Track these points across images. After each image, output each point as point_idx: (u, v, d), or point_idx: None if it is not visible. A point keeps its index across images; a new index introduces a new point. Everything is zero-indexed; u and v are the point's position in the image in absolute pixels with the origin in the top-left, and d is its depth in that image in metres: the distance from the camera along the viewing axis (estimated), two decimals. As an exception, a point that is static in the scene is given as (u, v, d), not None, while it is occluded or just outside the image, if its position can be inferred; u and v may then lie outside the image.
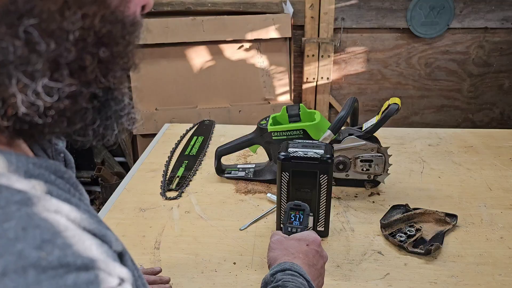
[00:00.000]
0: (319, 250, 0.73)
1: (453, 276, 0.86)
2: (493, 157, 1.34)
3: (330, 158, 0.91)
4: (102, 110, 0.39)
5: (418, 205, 1.07)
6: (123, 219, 1.05)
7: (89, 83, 0.36)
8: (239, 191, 1.17)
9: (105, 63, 0.36)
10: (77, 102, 0.35)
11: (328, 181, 0.92)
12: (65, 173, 0.39)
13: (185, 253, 0.93)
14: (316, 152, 0.93)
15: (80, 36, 0.34)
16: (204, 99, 2.65)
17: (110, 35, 0.36)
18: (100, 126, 0.39)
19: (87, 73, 0.35)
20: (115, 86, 0.39)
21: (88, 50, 0.34)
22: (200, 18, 2.52)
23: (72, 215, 0.33)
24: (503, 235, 0.98)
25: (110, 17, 0.35)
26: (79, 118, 0.37)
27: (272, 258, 0.71)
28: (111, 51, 0.36)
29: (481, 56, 2.77)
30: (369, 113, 2.89)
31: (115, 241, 0.37)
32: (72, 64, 0.34)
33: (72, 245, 0.31)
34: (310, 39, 2.67)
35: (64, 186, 0.38)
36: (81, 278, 0.30)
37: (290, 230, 0.78)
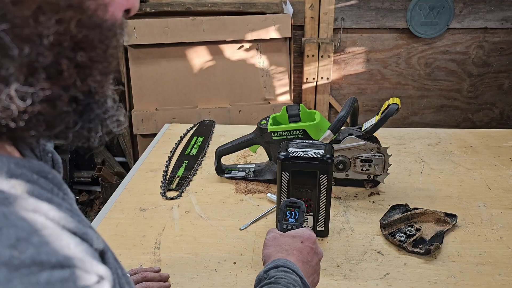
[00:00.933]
0: (313, 247, 0.73)
1: (453, 276, 0.86)
2: (493, 157, 1.34)
3: (330, 158, 0.91)
4: (84, 113, 0.39)
5: (418, 205, 1.07)
6: (123, 219, 1.05)
7: (67, 87, 0.36)
8: (239, 191, 1.17)
9: (83, 68, 0.36)
10: (56, 106, 0.36)
11: (328, 181, 0.93)
12: (49, 173, 0.39)
13: (185, 253, 0.93)
14: (316, 152, 0.93)
15: (56, 41, 0.34)
16: (204, 99, 2.66)
17: (87, 39, 0.36)
18: (83, 128, 0.39)
19: (65, 77, 0.35)
20: (96, 89, 0.39)
21: (65, 55, 0.34)
22: (200, 18, 2.52)
23: (51, 213, 0.34)
24: (503, 235, 0.98)
25: (87, 21, 0.35)
26: (58, 121, 0.37)
27: (267, 255, 0.71)
28: (89, 55, 0.36)
29: (481, 56, 2.77)
30: (369, 113, 2.89)
31: (96, 239, 0.37)
32: (49, 68, 0.34)
33: (48, 243, 0.31)
34: (310, 39, 2.67)
35: (47, 185, 0.38)
36: (55, 276, 0.30)
37: (286, 227, 0.78)
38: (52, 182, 0.39)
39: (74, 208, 0.40)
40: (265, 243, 0.74)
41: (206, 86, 2.65)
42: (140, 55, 2.57)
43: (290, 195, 0.95)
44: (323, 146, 0.95)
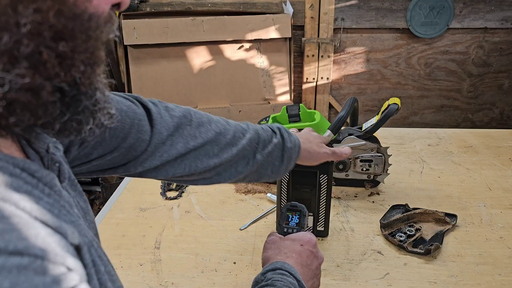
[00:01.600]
0: (314, 251, 0.72)
1: (453, 276, 0.86)
2: (493, 157, 1.34)
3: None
4: (72, 104, 0.39)
5: (418, 205, 1.07)
6: (123, 219, 1.05)
7: (50, 77, 0.36)
8: (239, 191, 1.17)
9: (65, 58, 0.36)
10: (39, 96, 0.36)
11: (328, 181, 0.93)
12: (37, 171, 0.39)
13: (185, 253, 0.93)
14: None
15: (35, 29, 0.34)
16: (204, 99, 2.66)
17: (67, 29, 0.36)
18: (71, 120, 0.40)
19: (47, 67, 0.36)
20: (82, 80, 0.39)
21: (45, 44, 0.35)
22: (200, 18, 2.52)
23: (22, 204, 0.34)
24: (503, 235, 0.98)
25: (67, 12, 0.36)
26: (43, 111, 0.37)
27: (265, 258, 0.71)
28: (70, 46, 0.36)
29: (481, 56, 2.77)
30: (369, 113, 2.89)
31: (71, 234, 0.37)
32: (30, 57, 0.35)
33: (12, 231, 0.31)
34: (310, 39, 2.67)
35: (31, 180, 0.38)
36: (10, 262, 0.30)
37: (286, 231, 0.77)
38: (40, 179, 0.40)
39: (61, 206, 0.40)
40: (264, 246, 0.74)
41: (206, 86, 2.65)
42: (140, 55, 2.57)
43: (290, 195, 0.94)
44: None
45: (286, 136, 0.78)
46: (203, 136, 0.72)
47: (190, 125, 0.72)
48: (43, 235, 0.33)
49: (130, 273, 0.87)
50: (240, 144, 0.74)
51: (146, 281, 0.86)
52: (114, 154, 0.65)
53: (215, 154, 0.72)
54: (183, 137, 0.71)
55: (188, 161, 0.71)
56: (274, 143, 0.76)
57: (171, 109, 0.72)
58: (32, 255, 0.31)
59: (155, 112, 0.69)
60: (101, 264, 0.43)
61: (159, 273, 0.88)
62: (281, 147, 0.77)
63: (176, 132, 0.70)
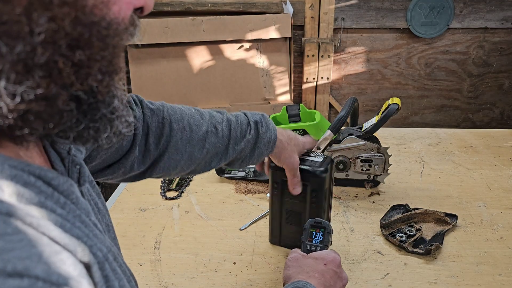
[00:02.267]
0: (338, 271, 0.70)
1: (453, 276, 0.86)
2: (493, 157, 1.34)
3: (324, 172, 0.83)
4: (89, 112, 0.38)
5: (418, 205, 1.07)
6: (123, 219, 1.05)
7: (66, 86, 0.35)
8: (239, 191, 1.17)
9: (81, 66, 0.35)
10: (54, 105, 0.35)
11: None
12: (53, 179, 0.38)
13: (185, 253, 0.93)
14: (312, 163, 0.85)
15: (50, 38, 0.33)
16: (204, 99, 2.66)
17: (83, 37, 0.34)
18: (89, 128, 0.39)
19: (63, 76, 0.34)
20: (99, 89, 0.38)
21: (60, 53, 0.34)
22: (200, 18, 2.52)
23: (29, 219, 0.32)
24: (503, 235, 0.98)
25: (83, 19, 0.34)
26: (57, 120, 0.36)
27: (287, 276, 0.69)
28: (86, 54, 0.35)
29: (481, 56, 2.77)
30: (369, 113, 2.89)
31: (80, 251, 0.36)
32: (45, 66, 0.33)
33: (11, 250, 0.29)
34: (310, 39, 2.67)
35: (46, 189, 0.37)
36: (8, 284, 0.28)
37: (309, 249, 0.74)
38: (56, 188, 0.38)
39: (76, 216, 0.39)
40: (286, 264, 0.72)
41: (206, 86, 2.65)
42: (140, 55, 2.57)
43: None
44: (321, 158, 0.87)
45: (262, 132, 0.77)
46: (175, 134, 0.72)
47: (163, 123, 0.71)
48: (48, 254, 0.31)
49: (130, 273, 0.87)
50: (212, 141, 0.74)
51: (146, 281, 0.85)
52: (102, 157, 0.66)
53: (188, 152, 0.73)
54: (156, 137, 0.71)
55: (163, 161, 0.72)
56: (247, 139, 0.76)
57: (146, 105, 0.72)
58: (32, 277, 0.29)
59: (138, 115, 0.69)
60: (115, 279, 0.41)
61: (159, 273, 0.88)
62: (253, 142, 0.77)
63: (150, 131, 0.70)
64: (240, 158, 0.78)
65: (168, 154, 0.72)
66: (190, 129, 0.73)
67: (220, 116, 0.77)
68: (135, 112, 0.69)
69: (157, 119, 0.71)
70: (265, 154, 0.79)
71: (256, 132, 0.77)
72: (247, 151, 0.77)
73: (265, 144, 0.78)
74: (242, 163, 0.80)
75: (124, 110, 0.41)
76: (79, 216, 0.40)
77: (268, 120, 0.80)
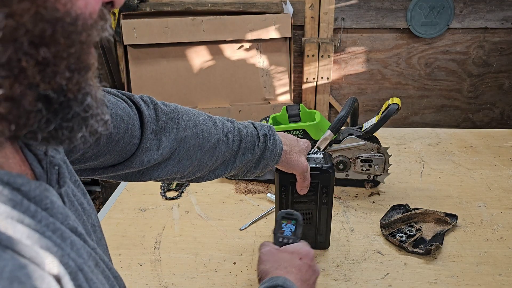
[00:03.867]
0: (312, 265, 0.70)
1: (453, 276, 0.86)
2: (493, 157, 1.34)
3: (331, 168, 0.86)
4: (61, 111, 0.36)
5: (418, 205, 1.07)
6: (123, 219, 1.05)
7: (32, 85, 0.34)
8: (239, 191, 1.17)
9: (47, 64, 0.34)
10: (19, 106, 0.33)
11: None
12: (24, 185, 0.36)
13: (185, 253, 0.93)
14: (317, 160, 0.87)
15: (9, 36, 0.31)
16: (204, 99, 2.66)
17: (46, 34, 0.33)
18: (62, 128, 0.37)
19: (28, 75, 0.33)
20: (70, 87, 0.36)
21: (23, 51, 0.32)
22: (200, 18, 2.52)
23: None
24: (503, 235, 0.98)
25: (46, 15, 0.32)
26: (24, 121, 0.34)
27: (263, 272, 0.69)
28: (52, 51, 0.33)
29: (481, 56, 2.77)
30: (369, 113, 2.89)
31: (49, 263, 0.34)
32: (7, 66, 0.32)
33: None
34: (310, 39, 2.67)
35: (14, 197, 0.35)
36: None
37: (281, 241, 0.74)
38: (26, 195, 0.36)
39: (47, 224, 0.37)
40: (260, 258, 0.72)
41: (206, 86, 2.65)
42: (140, 55, 2.57)
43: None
44: (320, 153, 0.90)
45: (269, 145, 0.79)
46: (188, 140, 0.72)
47: (177, 128, 0.72)
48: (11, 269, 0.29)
49: (130, 273, 0.87)
50: (222, 150, 0.75)
51: (146, 281, 0.85)
52: (106, 156, 0.65)
53: (198, 159, 0.74)
54: (169, 141, 0.71)
55: (171, 165, 0.72)
56: (255, 151, 0.78)
57: (160, 109, 0.72)
58: None
59: (147, 116, 0.69)
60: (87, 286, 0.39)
61: (159, 273, 0.88)
62: (260, 154, 0.79)
63: (163, 136, 0.70)
64: (245, 169, 0.80)
65: (178, 158, 0.72)
66: (203, 137, 0.74)
67: (231, 125, 0.78)
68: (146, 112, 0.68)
69: (172, 124, 0.71)
70: (270, 166, 0.81)
71: (264, 145, 0.79)
72: (252, 162, 0.79)
73: (271, 157, 0.80)
74: (246, 173, 0.81)
75: (99, 108, 0.40)
76: (52, 223, 0.38)
77: (275, 133, 0.81)
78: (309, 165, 0.85)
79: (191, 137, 0.72)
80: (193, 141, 0.73)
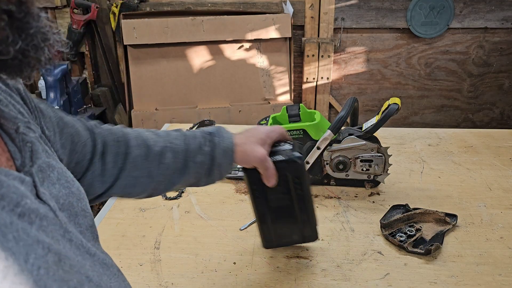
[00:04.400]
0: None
1: (453, 276, 0.86)
2: (493, 157, 1.34)
3: (300, 158, 0.78)
4: (22, 27, 0.38)
5: (418, 205, 1.07)
6: (123, 219, 1.05)
7: None
8: (239, 191, 1.17)
9: None
10: None
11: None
12: None
13: (185, 253, 0.93)
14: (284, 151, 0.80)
15: None
16: (204, 99, 2.66)
17: None
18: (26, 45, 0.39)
19: None
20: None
21: None
22: (200, 18, 2.52)
23: None
24: (503, 235, 0.98)
25: None
26: None
27: None
28: None
29: (481, 56, 2.77)
30: (369, 113, 2.89)
31: None
32: None
33: None
34: (310, 39, 2.67)
35: None
36: None
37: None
38: None
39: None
40: None
41: (206, 86, 2.65)
42: (140, 55, 2.57)
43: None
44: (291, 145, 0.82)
45: (217, 142, 0.76)
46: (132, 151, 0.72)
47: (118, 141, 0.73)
48: None
49: (130, 273, 0.87)
50: (169, 157, 0.73)
51: (146, 281, 0.85)
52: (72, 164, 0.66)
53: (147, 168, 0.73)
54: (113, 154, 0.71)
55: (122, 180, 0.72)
56: (204, 151, 0.75)
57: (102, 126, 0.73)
58: None
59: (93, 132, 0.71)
60: None
61: (159, 273, 0.88)
62: (211, 154, 0.75)
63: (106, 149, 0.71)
64: (202, 172, 0.76)
65: (127, 171, 0.72)
66: (147, 146, 0.73)
67: (175, 133, 0.78)
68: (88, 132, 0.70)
69: (114, 137, 0.72)
70: (226, 164, 0.77)
71: (211, 143, 0.76)
72: (206, 163, 0.75)
73: (222, 154, 0.76)
74: (207, 178, 0.77)
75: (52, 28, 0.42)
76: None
77: (222, 130, 0.79)
78: (275, 157, 0.78)
79: (135, 148, 0.72)
80: (137, 151, 0.72)
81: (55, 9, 2.74)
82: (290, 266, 0.88)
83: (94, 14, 2.64)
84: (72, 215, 0.48)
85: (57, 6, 2.70)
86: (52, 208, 0.44)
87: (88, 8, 2.65)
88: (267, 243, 0.89)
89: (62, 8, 2.73)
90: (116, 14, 2.67)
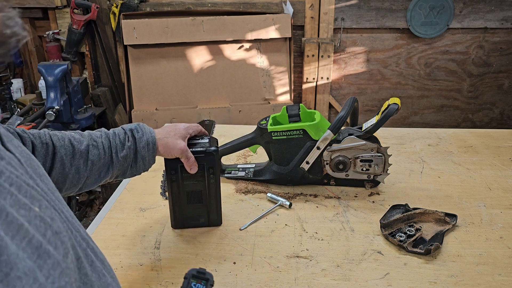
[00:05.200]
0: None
1: (453, 276, 0.86)
2: (493, 157, 1.34)
3: (216, 151, 0.93)
4: None
5: (418, 205, 1.07)
6: (123, 219, 1.05)
7: None
8: (239, 191, 1.17)
9: None
10: None
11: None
12: None
13: (185, 253, 0.93)
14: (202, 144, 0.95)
15: None
16: (204, 99, 2.66)
17: None
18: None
19: None
20: None
21: None
22: (200, 18, 2.53)
23: None
24: (503, 235, 0.98)
25: None
26: None
27: None
28: None
29: (481, 56, 2.77)
30: (369, 113, 2.89)
31: None
32: None
33: None
34: (310, 39, 2.67)
35: None
36: None
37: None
38: None
39: None
40: None
41: (206, 86, 2.65)
42: (140, 55, 2.57)
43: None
44: (207, 139, 0.98)
45: (138, 137, 0.86)
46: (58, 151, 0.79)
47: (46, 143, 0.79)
48: None
49: (130, 273, 0.87)
50: (94, 153, 0.82)
51: (146, 281, 0.86)
52: None
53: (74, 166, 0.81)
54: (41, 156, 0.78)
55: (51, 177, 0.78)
56: (127, 146, 0.85)
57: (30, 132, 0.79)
58: None
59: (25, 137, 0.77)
60: None
61: (159, 273, 0.88)
62: (134, 148, 0.86)
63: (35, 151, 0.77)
64: (127, 165, 0.86)
65: (55, 170, 0.79)
66: (72, 145, 0.81)
67: (99, 133, 0.86)
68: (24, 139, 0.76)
69: (41, 140, 0.78)
70: (149, 156, 0.87)
71: (133, 138, 0.86)
72: (131, 157, 0.86)
73: (144, 147, 0.86)
74: (132, 170, 0.88)
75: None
76: None
77: (143, 126, 0.89)
78: (194, 148, 0.93)
79: (61, 148, 0.80)
80: (63, 151, 0.80)
81: (55, 9, 2.74)
82: (290, 266, 0.89)
83: (94, 14, 2.64)
84: (36, 174, 0.49)
85: (57, 6, 2.70)
86: (17, 157, 0.47)
87: (88, 8, 2.65)
88: (176, 224, 1.01)
89: (62, 8, 2.74)
90: (116, 14, 2.67)
